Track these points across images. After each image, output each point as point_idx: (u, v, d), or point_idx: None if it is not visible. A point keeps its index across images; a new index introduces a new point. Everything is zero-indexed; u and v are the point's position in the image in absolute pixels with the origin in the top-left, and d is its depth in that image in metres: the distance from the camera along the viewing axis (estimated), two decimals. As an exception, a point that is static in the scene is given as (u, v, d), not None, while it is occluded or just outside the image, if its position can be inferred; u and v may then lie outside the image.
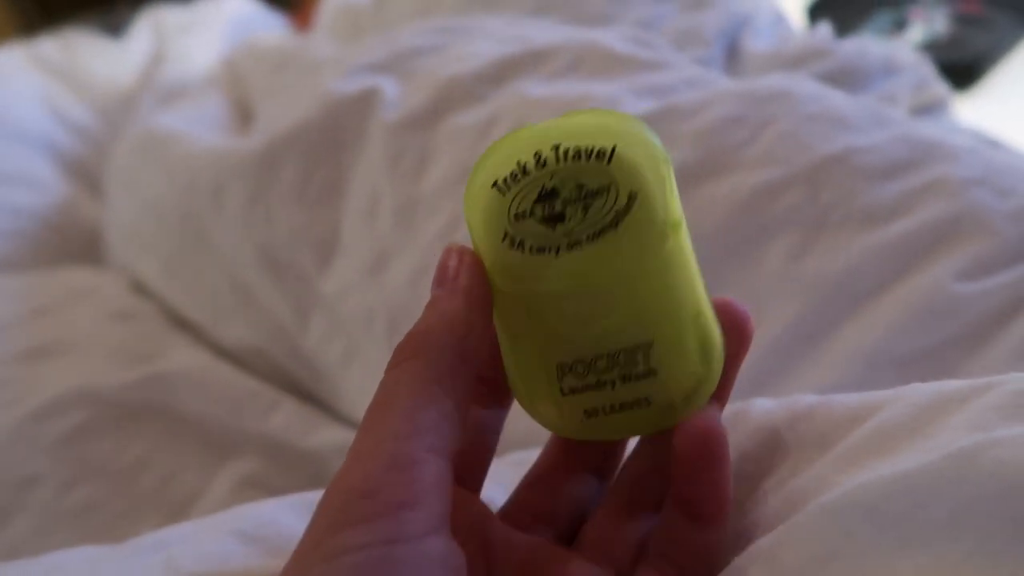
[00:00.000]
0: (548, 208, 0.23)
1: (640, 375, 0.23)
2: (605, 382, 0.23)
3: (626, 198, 0.22)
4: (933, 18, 1.06)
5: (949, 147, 0.42)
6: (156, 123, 0.65)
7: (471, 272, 0.23)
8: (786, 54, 0.55)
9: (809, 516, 0.21)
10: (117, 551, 0.27)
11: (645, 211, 0.22)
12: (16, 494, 0.49)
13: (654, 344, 0.23)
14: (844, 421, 0.24)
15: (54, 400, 0.51)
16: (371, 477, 0.19)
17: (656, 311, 0.23)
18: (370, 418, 0.21)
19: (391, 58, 0.54)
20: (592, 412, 0.24)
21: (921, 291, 0.38)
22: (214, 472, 0.51)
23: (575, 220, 0.22)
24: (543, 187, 0.23)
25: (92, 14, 1.96)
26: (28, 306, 0.59)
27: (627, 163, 0.22)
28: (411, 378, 0.21)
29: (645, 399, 0.23)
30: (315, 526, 0.19)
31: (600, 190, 0.22)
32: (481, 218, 0.23)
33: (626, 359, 0.23)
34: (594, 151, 0.23)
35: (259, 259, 0.53)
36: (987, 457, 0.19)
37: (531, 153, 0.23)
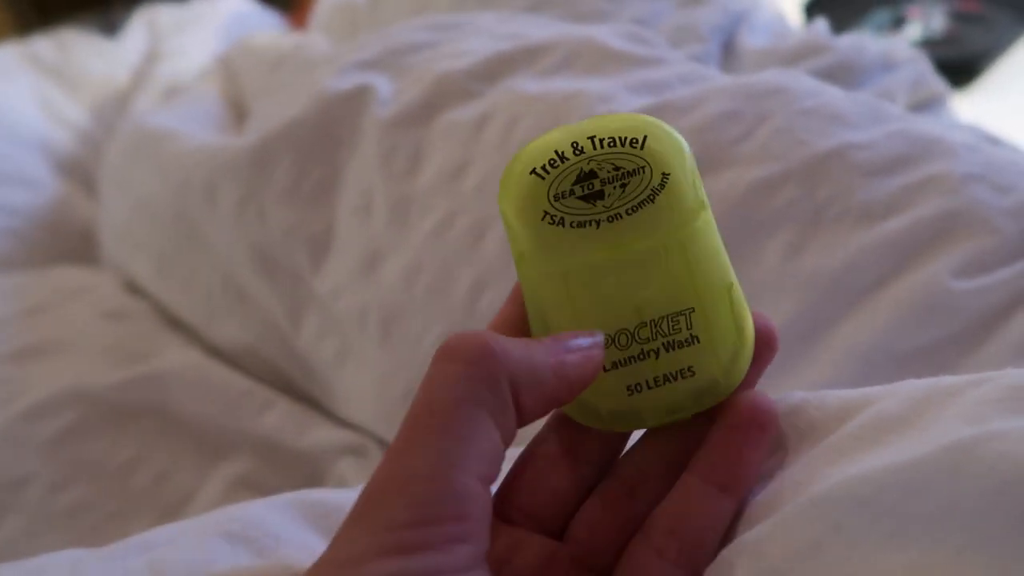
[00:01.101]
0: (587, 187, 0.24)
1: (684, 342, 0.24)
2: (648, 352, 0.24)
3: (660, 177, 0.24)
4: (931, 15, 1.06)
5: (947, 143, 0.42)
6: (149, 121, 0.65)
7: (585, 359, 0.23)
8: (783, 50, 0.55)
9: (797, 508, 0.20)
10: (101, 553, 0.26)
11: (677, 189, 0.24)
12: (8, 495, 0.48)
13: (695, 311, 0.24)
14: (836, 413, 0.24)
15: (46, 400, 0.51)
16: (425, 504, 0.19)
17: (694, 280, 0.24)
18: (421, 427, 0.20)
19: (384, 55, 0.53)
20: (635, 387, 0.24)
21: (919, 288, 0.38)
22: (207, 472, 0.51)
23: (614, 196, 0.24)
24: (581, 170, 0.24)
25: (88, 13, 1.96)
26: (21, 305, 0.59)
27: (658, 149, 0.24)
28: (470, 392, 0.20)
29: (689, 368, 0.24)
30: (358, 541, 0.19)
31: (635, 170, 0.24)
32: (518, 204, 0.24)
33: (670, 326, 0.24)
34: (627, 139, 0.24)
35: (252, 258, 0.52)
36: (986, 450, 0.18)
37: (568, 144, 0.25)
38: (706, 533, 0.23)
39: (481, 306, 0.43)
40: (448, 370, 0.20)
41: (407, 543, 0.18)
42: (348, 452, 0.49)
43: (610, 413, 0.24)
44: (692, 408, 0.24)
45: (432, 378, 0.20)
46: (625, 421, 0.24)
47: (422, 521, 0.18)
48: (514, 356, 0.21)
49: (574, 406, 0.24)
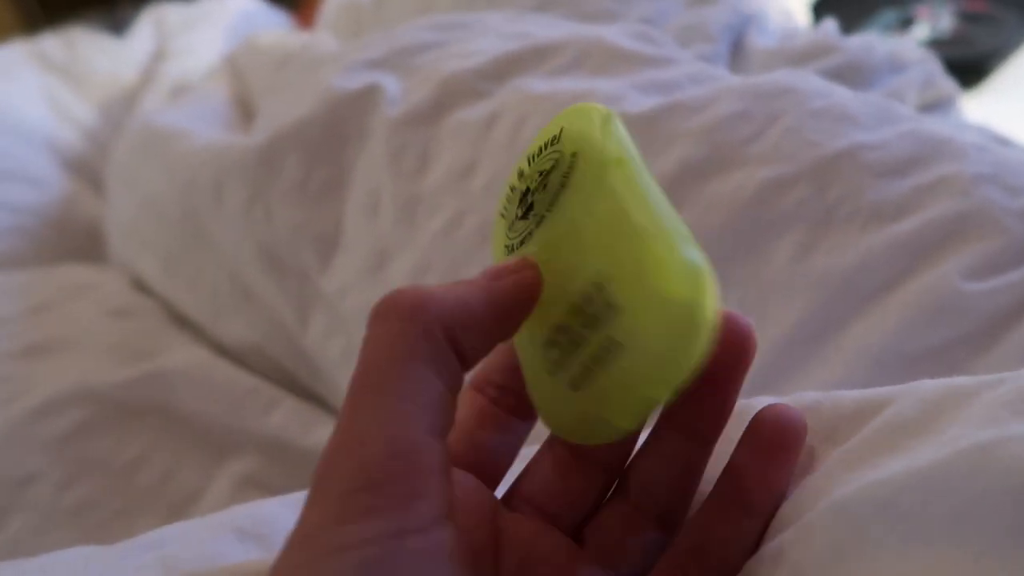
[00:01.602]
0: (525, 205, 0.24)
1: (602, 315, 0.21)
2: (576, 341, 0.21)
3: (569, 160, 0.23)
4: (939, 15, 1.06)
5: (958, 144, 0.42)
6: (157, 120, 0.65)
7: (517, 284, 0.22)
8: (791, 50, 0.55)
9: (819, 514, 0.20)
10: (113, 550, 0.27)
11: (586, 161, 0.22)
12: (14, 493, 0.48)
13: (614, 279, 0.21)
14: (852, 416, 0.23)
15: (53, 398, 0.51)
16: (374, 465, 0.18)
17: (610, 246, 0.21)
18: (362, 390, 0.19)
19: (393, 54, 0.53)
20: (576, 383, 0.21)
21: (929, 289, 0.38)
22: (213, 470, 0.51)
23: (539, 201, 0.23)
24: (521, 193, 0.24)
25: (94, 12, 1.97)
26: (28, 303, 0.59)
27: (571, 133, 0.23)
28: (403, 348, 0.19)
29: (611, 341, 0.21)
30: (314, 515, 0.18)
31: (553, 167, 0.23)
32: (495, 247, 0.25)
33: (584, 301, 0.21)
34: (549, 140, 0.24)
35: (259, 257, 0.52)
36: (1003, 453, 0.18)
37: (516, 173, 0.25)
38: (733, 556, 0.22)
39: (489, 306, 0.43)
40: (381, 329, 0.20)
41: (362, 507, 0.18)
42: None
43: (573, 420, 0.22)
44: (649, 389, 0.20)
45: (368, 340, 0.20)
46: (593, 429, 0.22)
47: (373, 483, 0.18)
48: (446, 301, 0.20)
49: (550, 422, 0.23)
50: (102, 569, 0.25)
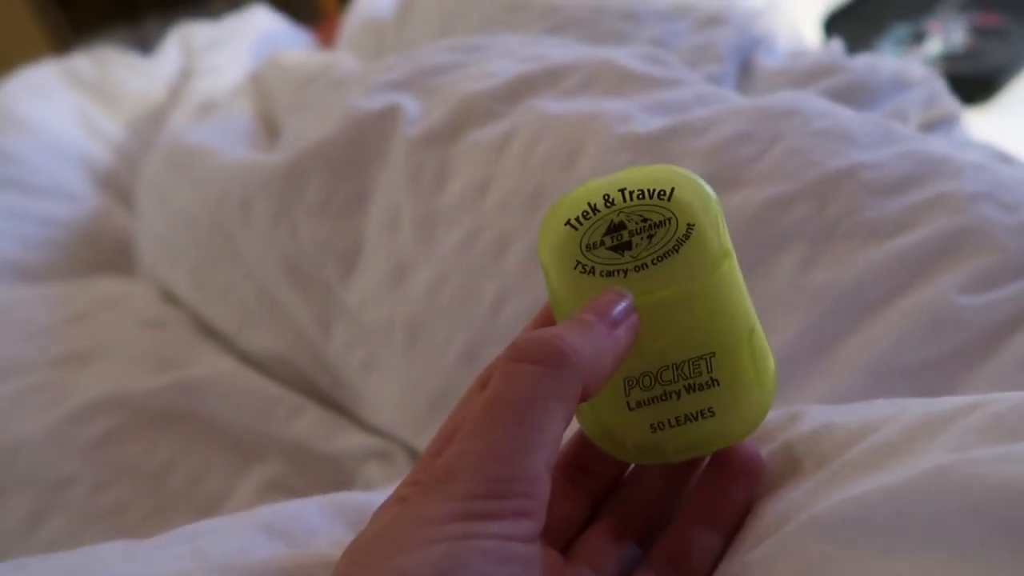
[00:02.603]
0: (616, 238, 0.26)
1: (704, 385, 0.25)
2: (670, 393, 0.26)
3: (685, 228, 0.26)
4: (951, 30, 1.06)
5: (955, 162, 0.43)
6: (186, 137, 0.67)
7: (630, 329, 0.25)
8: (798, 70, 0.56)
9: (801, 527, 0.22)
10: (149, 542, 0.28)
11: (701, 239, 0.26)
12: (52, 494, 0.51)
13: (716, 355, 0.25)
14: (842, 443, 0.26)
15: (88, 404, 0.53)
16: (499, 480, 0.21)
17: (715, 326, 0.26)
18: (502, 413, 0.22)
19: (412, 75, 0.55)
20: (658, 426, 0.26)
21: (926, 303, 0.39)
22: (240, 475, 0.53)
23: (641, 247, 0.26)
24: (611, 222, 0.26)
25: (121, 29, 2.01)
26: (63, 313, 0.61)
27: (684, 200, 0.26)
28: (547, 389, 0.22)
29: (709, 409, 0.25)
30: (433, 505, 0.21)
31: (662, 222, 0.26)
32: (554, 253, 0.27)
33: (691, 369, 0.25)
34: (656, 191, 0.26)
35: (284, 270, 0.54)
36: (961, 473, 0.20)
37: (600, 196, 0.27)
38: (701, 564, 0.25)
39: (504, 317, 0.45)
40: (529, 367, 0.23)
41: (479, 511, 0.21)
42: (375, 457, 0.51)
43: (635, 446, 0.26)
44: (711, 446, 0.26)
45: (508, 376, 0.23)
46: (648, 455, 0.26)
47: (494, 494, 0.21)
48: (585, 355, 0.23)
49: (603, 437, 0.26)
50: (138, 559, 0.27)
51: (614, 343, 0.24)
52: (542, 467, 0.22)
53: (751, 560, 0.24)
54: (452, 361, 0.46)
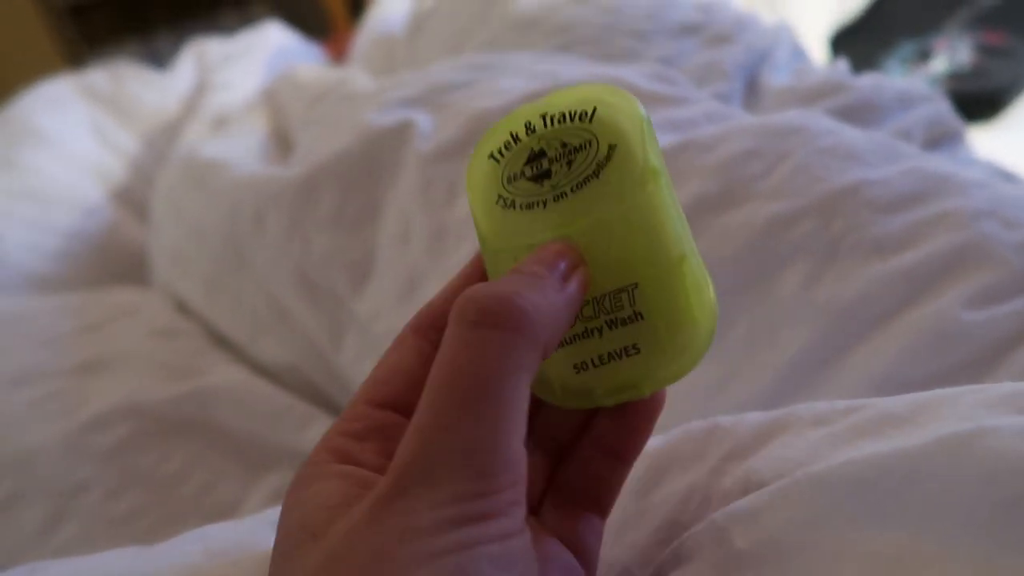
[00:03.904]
0: (536, 167, 0.24)
1: (626, 319, 0.23)
2: (592, 330, 0.24)
3: (606, 149, 0.24)
4: (957, 49, 1.07)
5: (958, 180, 0.44)
6: (200, 151, 0.68)
7: (581, 284, 0.23)
8: (804, 89, 0.57)
9: (795, 483, 0.22)
10: (160, 546, 0.29)
11: (624, 160, 0.24)
12: (66, 501, 0.51)
13: (639, 286, 0.23)
14: (845, 410, 0.25)
15: (103, 412, 0.54)
16: (488, 475, 0.20)
17: (637, 254, 0.23)
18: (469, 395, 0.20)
19: (425, 92, 0.57)
20: (581, 365, 0.24)
21: (930, 319, 0.39)
22: (251, 484, 0.54)
23: (560, 174, 0.24)
24: (531, 150, 0.25)
25: (134, 43, 2.04)
26: (79, 323, 0.62)
27: (607, 120, 0.24)
28: (518, 360, 0.20)
29: (633, 346, 0.23)
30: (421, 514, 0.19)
31: (582, 145, 0.24)
32: (477, 189, 0.25)
33: (612, 303, 0.23)
34: (577, 113, 0.24)
35: (297, 281, 0.55)
36: (978, 444, 0.20)
37: (522, 124, 0.25)
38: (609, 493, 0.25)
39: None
40: (491, 338, 0.20)
41: (474, 513, 0.19)
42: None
43: (563, 389, 0.24)
44: (642, 388, 0.24)
45: (473, 345, 0.20)
46: (578, 398, 0.24)
47: (486, 492, 0.19)
48: (543, 315, 0.21)
49: (535, 381, 0.24)
50: (153, 558, 0.28)
51: (568, 300, 0.22)
52: (521, 447, 0.20)
53: (736, 510, 0.23)
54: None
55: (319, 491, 0.22)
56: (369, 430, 0.23)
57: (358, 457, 0.23)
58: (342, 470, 0.22)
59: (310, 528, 0.21)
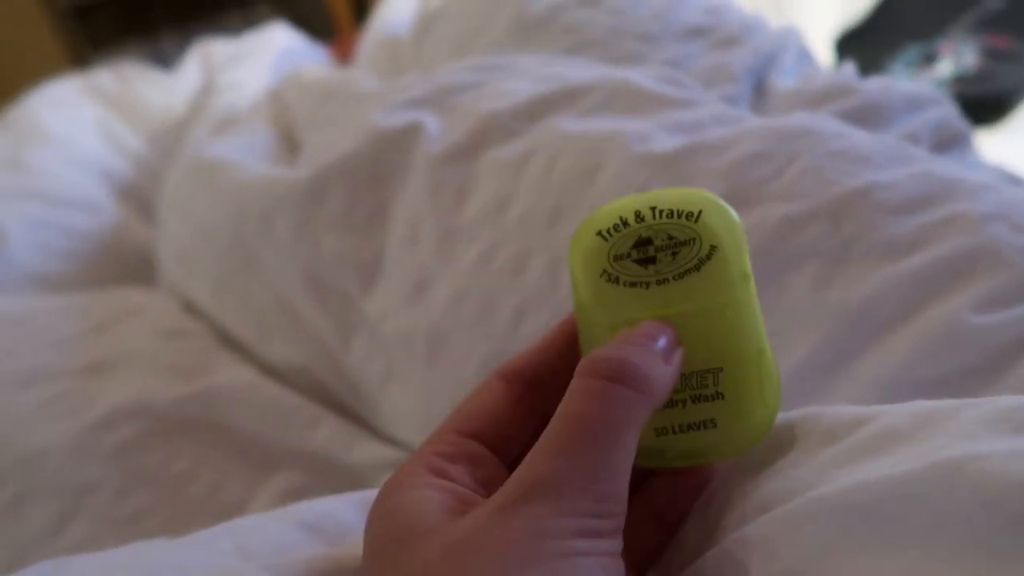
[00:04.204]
0: (642, 252, 0.28)
1: (709, 396, 0.27)
2: (677, 401, 0.27)
3: (708, 249, 0.27)
4: (962, 52, 1.07)
5: (968, 183, 0.44)
6: (207, 152, 0.68)
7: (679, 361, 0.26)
8: (811, 91, 0.57)
9: (807, 510, 0.23)
10: (189, 538, 0.29)
11: (722, 261, 0.27)
12: (74, 501, 0.52)
13: (723, 370, 0.27)
14: (850, 423, 0.26)
15: (111, 412, 0.54)
16: (607, 500, 0.23)
17: (726, 343, 0.27)
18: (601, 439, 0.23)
19: (433, 94, 0.57)
20: (663, 430, 0.27)
21: (939, 322, 0.39)
22: (258, 484, 0.54)
23: (665, 263, 0.27)
24: (640, 236, 0.28)
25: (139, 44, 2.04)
26: (87, 323, 0.63)
27: (710, 223, 0.28)
28: (636, 413, 0.24)
29: (712, 420, 0.27)
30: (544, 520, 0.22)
31: (687, 241, 0.27)
32: (583, 260, 0.28)
33: (698, 381, 0.27)
34: (684, 212, 0.28)
35: (305, 282, 0.55)
36: (971, 469, 0.21)
37: (632, 211, 0.28)
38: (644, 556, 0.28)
39: (522, 331, 0.46)
40: (620, 392, 0.24)
41: (593, 528, 0.22)
42: (393, 467, 0.51)
43: (639, 448, 0.27)
44: (711, 456, 0.27)
45: (601, 395, 0.24)
46: (651, 458, 0.27)
47: (602, 513, 0.22)
48: (660, 387, 0.25)
49: None
50: (185, 553, 0.28)
51: (672, 372, 0.26)
52: (627, 488, 0.23)
53: (750, 536, 0.24)
54: (471, 374, 0.47)
55: (420, 498, 0.24)
56: (459, 454, 0.26)
57: (452, 475, 0.25)
58: (439, 483, 0.25)
59: (422, 525, 0.23)
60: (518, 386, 0.28)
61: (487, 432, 0.27)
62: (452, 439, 0.26)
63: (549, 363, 0.28)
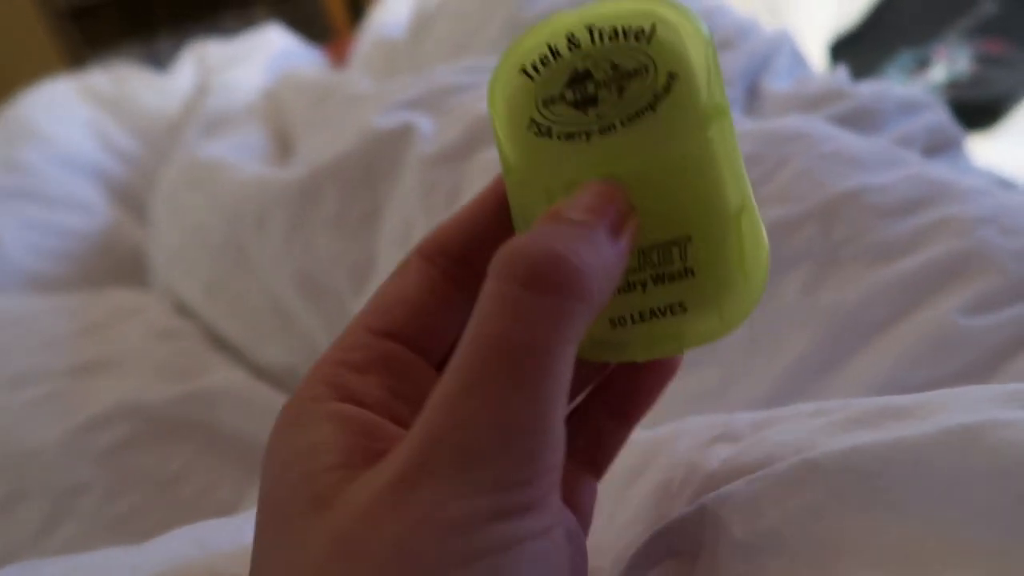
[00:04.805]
0: (579, 91, 0.21)
1: (675, 275, 0.21)
2: (635, 283, 0.21)
3: (665, 79, 0.20)
4: (956, 57, 1.07)
5: (959, 187, 0.44)
6: (201, 152, 0.68)
7: (631, 239, 0.20)
8: (805, 95, 0.57)
9: (794, 469, 0.21)
10: (152, 541, 0.29)
11: (686, 93, 0.20)
12: (65, 501, 0.51)
13: (692, 240, 0.21)
14: (842, 403, 0.25)
15: (102, 413, 0.54)
16: (535, 459, 0.17)
17: (695, 203, 0.21)
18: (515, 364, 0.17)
19: (427, 95, 0.57)
20: (619, 320, 0.21)
21: (930, 325, 0.40)
22: (249, 486, 0.54)
23: (609, 103, 0.21)
24: (575, 69, 0.21)
25: (134, 45, 2.04)
26: (79, 324, 0.62)
27: (667, 42, 0.20)
28: (569, 331, 0.18)
29: (680, 304, 0.21)
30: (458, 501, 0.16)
31: (637, 71, 0.21)
32: (505, 106, 0.21)
33: (660, 256, 0.21)
34: (632, 30, 0.21)
35: (298, 283, 0.55)
36: (990, 435, 0.19)
37: (563, 36, 0.21)
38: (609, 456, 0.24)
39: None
40: (545, 304, 0.18)
41: (517, 504, 0.17)
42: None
43: (592, 343, 0.22)
44: (682, 345, 0.22)
45: (524, 311, 0.17)
46: (609, 352, 0.22)
47: (531, 478, 0.17)
48: (599, 277, 0.18)
49: None
50: (144, 553, 0.28)
51: (620, 255, 0.19)
52: (563, 426, 0.18)
53: (732, 497, 0.22)
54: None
55: (317, 440, 0.19)
56: (371, 362, 0.21)
57: (360, 393, 0.20)
58: (342, 411, 0.19)
59: (312, 493, 0.18)
60: (444, 264, 0.22)
61: (408, 325, 0.21)
62: (363, 340, 0.21)
63: (480, 233, 0.22)
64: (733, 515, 0.21)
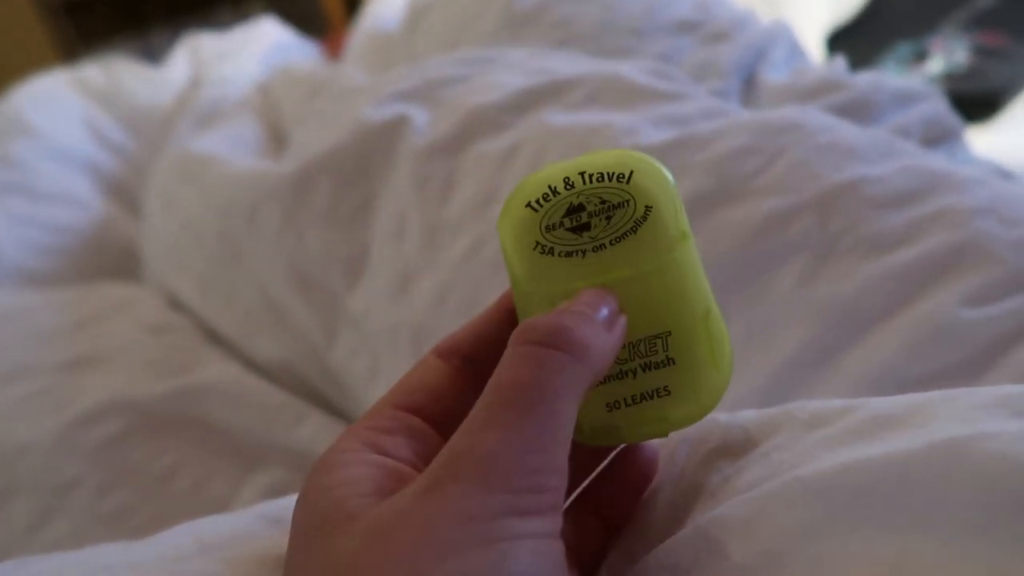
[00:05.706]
0: (575, 219, 0.26)
1: (660, 363, 0.26)
2: (627, 372, 0.26)
3: (643, 210, 0.26)
4: (954, 49, 1.07)
5: (957, 178, 0.44)
6: (194, 146, 0.68)
7: (622, 331, 0.25)
8: (801, 86, 0.57)
9: (788, 488, 0.22)
10: (149, 539, 0.29)
11: (659, 221, 0.26)
12: (56, 497, 0.51)
13: (672, 334, 0.26)
14: (838, 410, 0.25)
15: (94, 408, 0.54)
16: (541, 474, 0.21)
17: (671, 306, 0.26)
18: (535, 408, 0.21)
19: (420, 87, 0.56)
20: (614, 404, 0.26)
21: (927, 316, 0.39)
22: (242, 481, 0.53)
23: (599, 228, 0.26)
24: (571, 203, 0.26)
25: (128, 38, 2.03)
26: (72, 318, 0.62)
27: (643, 184, 0.26)
28: (574, 379, 0.22)
29: (665, 388, 0.26)
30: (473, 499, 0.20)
31: (620, 204, 0.26)
32: (514, 234, 0.27)
33: (647, 347, 0.26)
34: (615, 175, 0.27)
35: (291, 277, 0.55)
36: (977, 449, 0.20)
37: (560, 179, 0.27)
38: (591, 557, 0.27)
39: (508, 326, 0.45)
40: (553, 356, 0.22)
41: (524, 507, 0.20)
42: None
43: (591, 428, 0.26)
44: (668, 426, 0.26)
45: (534, 360, 0.22)
46: (605, 436, 0.26)
47: (537, 489, 0.21)
48: (602, 357, 0.23)
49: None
50: (143, 550, 0.27)
51: (614, 340, 0.24)
52: (566, 461, 0.22)
53: (727, 518, 0.23)
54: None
55: (351, 477, 0.22)
56: (397, 428, 0.25)
57: (389, 449, 0.24)
58: (374, 459, 0.23)
59: (344, 511, 0.21)
60: (456, 363, 0.26)
61: (426, 406, 0.25)
62: (389, 413, 0.25)
63: (488, 338, 0.27)
64: (729, 537, 0.22)
